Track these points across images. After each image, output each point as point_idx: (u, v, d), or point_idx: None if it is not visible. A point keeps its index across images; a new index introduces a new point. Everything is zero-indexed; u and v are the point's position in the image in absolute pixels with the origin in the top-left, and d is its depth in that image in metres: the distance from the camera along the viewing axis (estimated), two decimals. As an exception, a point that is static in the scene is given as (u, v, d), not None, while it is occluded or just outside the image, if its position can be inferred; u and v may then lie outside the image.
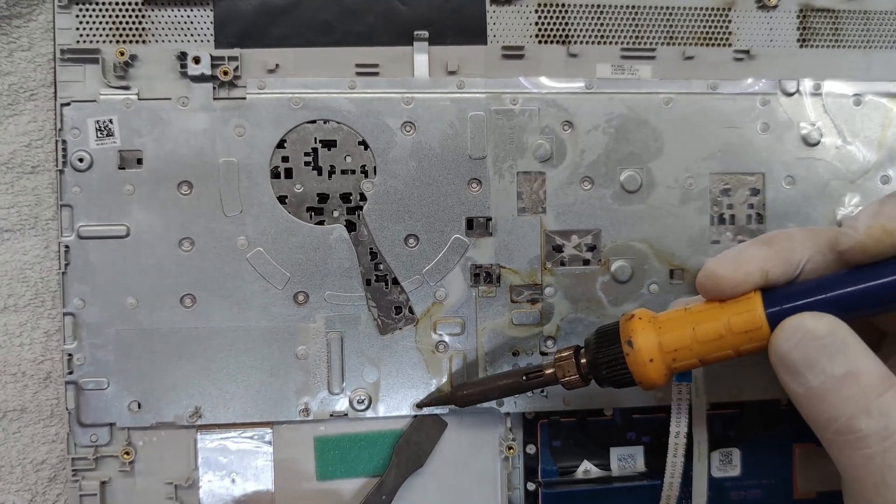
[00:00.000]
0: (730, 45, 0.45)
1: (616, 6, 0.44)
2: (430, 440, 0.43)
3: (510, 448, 0.43)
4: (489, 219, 0.43)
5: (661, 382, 0.34)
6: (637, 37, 0.44)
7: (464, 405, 0.40)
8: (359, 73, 0.42)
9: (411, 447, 0.42)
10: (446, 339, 0.43)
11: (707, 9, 0.45)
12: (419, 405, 0.42)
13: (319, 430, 0.43)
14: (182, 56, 0.41)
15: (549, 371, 0.37)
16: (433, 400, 0.42)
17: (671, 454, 0.40)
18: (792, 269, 0.32)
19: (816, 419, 0.30)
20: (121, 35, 0.41)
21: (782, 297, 0.31)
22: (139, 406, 0.41)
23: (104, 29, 0.41)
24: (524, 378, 0.38)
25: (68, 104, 0.41)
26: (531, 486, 0.44)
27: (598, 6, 0.44)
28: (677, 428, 0.40)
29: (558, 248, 0.43)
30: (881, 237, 0.30)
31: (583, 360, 0.36)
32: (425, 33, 0.43)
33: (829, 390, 0.29)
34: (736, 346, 0.32)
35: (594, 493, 0.43)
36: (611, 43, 0.44)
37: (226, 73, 0.41)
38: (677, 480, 0.40)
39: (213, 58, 0.41)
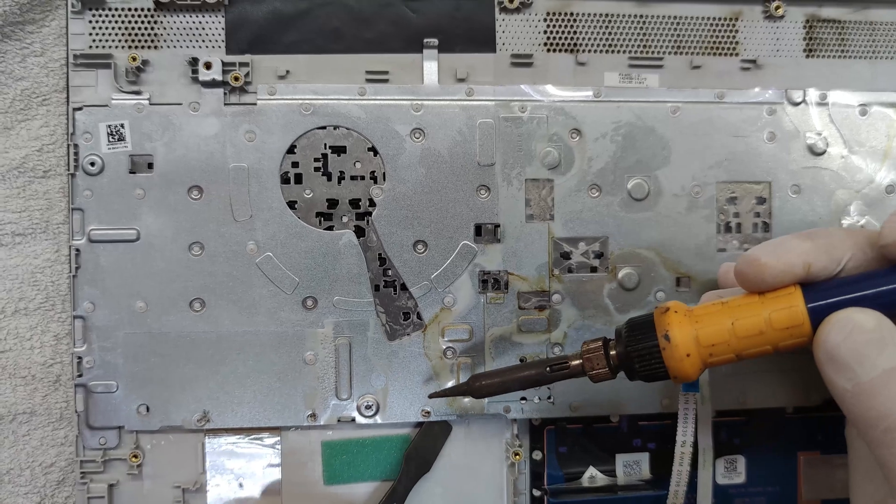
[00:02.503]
0: (737, 54, 0.46)
1: (624, 15, 0.44)
2: (436, 444, 0.43)
3: (516, 454, 0.43)
4: (497, 225, 0.43)
5: (695, 377, 0.33)
6: (645, 46, 0.45)
7: (480, 396, 0.38)
8: (369, 80, 0.43)
9: (419, 453, 0.43)
10: (454, 345, 0.43)
11: (714, 19, 0.45)
12: (433, 395, 0.41)
13: (327, 435, 0.43)
14: (193, 62, 0.41)
15: (576, 363, 0.35)
16: (448, 391, 0.40)
17: (677, 463, 0.40)
18: (834, 265, 0.31)
19: (864, 416, 0.29)
20: (133, 40, 0.42)
21: (824, 291, 0.31)
22: (148, 409, 0.41)
23: (116, 34, 0.42)
24: (548, 370, 0.36)
25: (80, 109, 0.41)
26: (537, 493, 0.44)
27: (607, 15, 0.44)
28: (683, 437, 0.40)
29: (566, 255, 0.44)
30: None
31: (612, 352, 0.35)
32: (435, 41, 0.43)
33: (879, 385, 0.28)
34: (775, 342, 0.31)
35: (600, 501, 0.43)
36: (619, 52, 0.45)
37: (237, 78, 0.42)
38: (683, 489, 0.40)
39: (224, 63, 0.41)
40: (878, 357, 0.28)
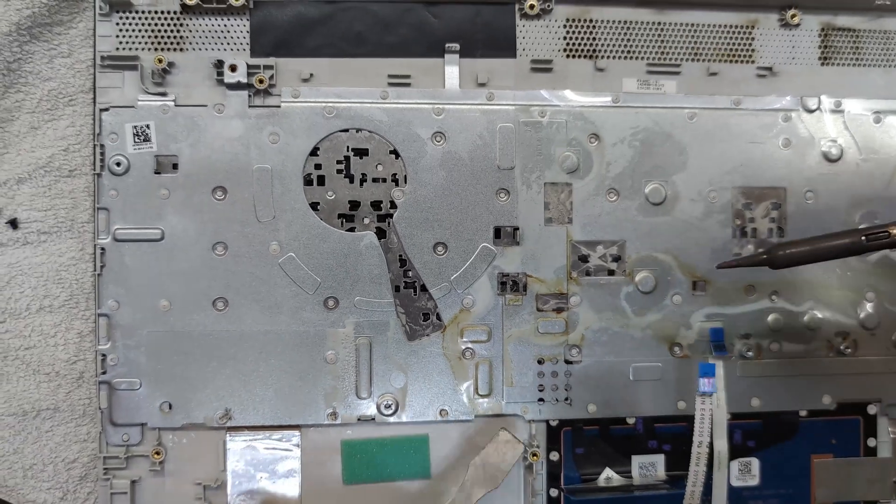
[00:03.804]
0: (753, 61, 0.46)
1: (642, 22, 0.45)
2: (506, 462, 0.42)
3: (534, 455, 0.44)
4: (516, 228, 0.44)
5: None
6: (663, 52, 0.45)
7: (780, 266, 0.36)
8: (391, 84, 0.43)
9: (487, 467, 0.42)
10: (472, 345, 0.44)
11: (731, 26, 0.46)
12: (722, 266, 0.39)
13: (347, 434, 0.43)
14: (219, 64, 0.42)
15: None
16: (741, 261, 0.37)
17: (693, 462, 0.41)
18: None
19: None
20: (159, 42, 0.42)
21: None
22: (170, 407, 0.42)
23: (143, 36, 0.42)
24: (863, 239, 0.34)
25: (107, 109, 0.42)
26: (554, 493, 0.44)
27: (626, 22, 0.45)
28: (700, 437, 0.40)
29: (584, 259, 0.44)
30: None
31: None
32: (456, 46, 0.43)
33: None
34: None
35: (616, 500, 0.44)
36: (637, 58, 0.45)
37: (261, 81, 0.42)
38: (699, 489, 0.41)
39: (249, 66, 0.42)
40: None
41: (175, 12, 0.42)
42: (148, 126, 0.42)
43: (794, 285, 0.46)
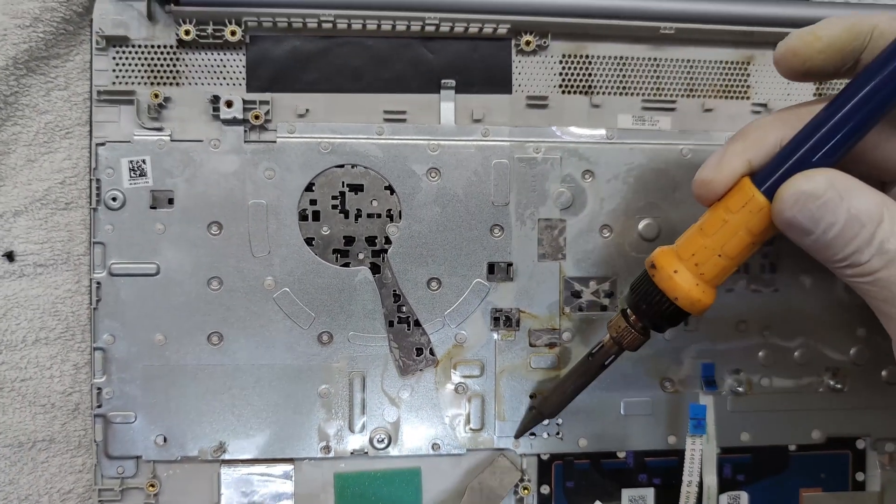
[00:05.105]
0: (748, 98, 0.46)
1: (638, 58, 0.45)
2: (503, 486, 0.43)
3: (525, 489, 0.44)
4: (510, 264, 0.44)
5: (698, 295, 0.34)
6: (658, 89, 0.46)
7: (552, 415, 0.42)
8: (387, 120, 0.43)
9: (484, 491, 0.43)
10: (465, 380, 0.44)
11: (726, 63, 0.46)
12: (517, 436, 0.44)
13: (340, 467, 0.44)
14: (215, 99, 0.42)
15: (607, 340, 0.38)
16: (526, 425, 0.43)
17: (682, 501, 0.41)
18: (772, 149, 0.33)
19: (825, 260, 0.31)
20: (155, 77, 0.42)
21: (769, 168, 0.32)
22: (165, 440, 0.42)
23: (139, 71, 0.42)
24: (589, 358, 0.39)
25: (103, 144, 0.42)
26: (544, 526, 0.45)
27: (621, 58, 0.45)
28: (690, 477, 0.41)
29: (577, 294, 0.44)
30: (811, 41, 0.32)
31: (632, 318, 0.37)
32: (452, 82, 0.44)
33: (837, 237, 0.30)
34: (743, 226, 0.33)
35: (605, 533, 0.44)
36: (632, 94, 0.45)
37: (257, 116, 0.42)
38: (688, 526, 0.41)
39: (244, 102, 0.42)
40: (833, 216, 0.30)
41: (171, 47, 0.42)
42: (144, 161, 0.42)
43: (786, 321, 0.46)
